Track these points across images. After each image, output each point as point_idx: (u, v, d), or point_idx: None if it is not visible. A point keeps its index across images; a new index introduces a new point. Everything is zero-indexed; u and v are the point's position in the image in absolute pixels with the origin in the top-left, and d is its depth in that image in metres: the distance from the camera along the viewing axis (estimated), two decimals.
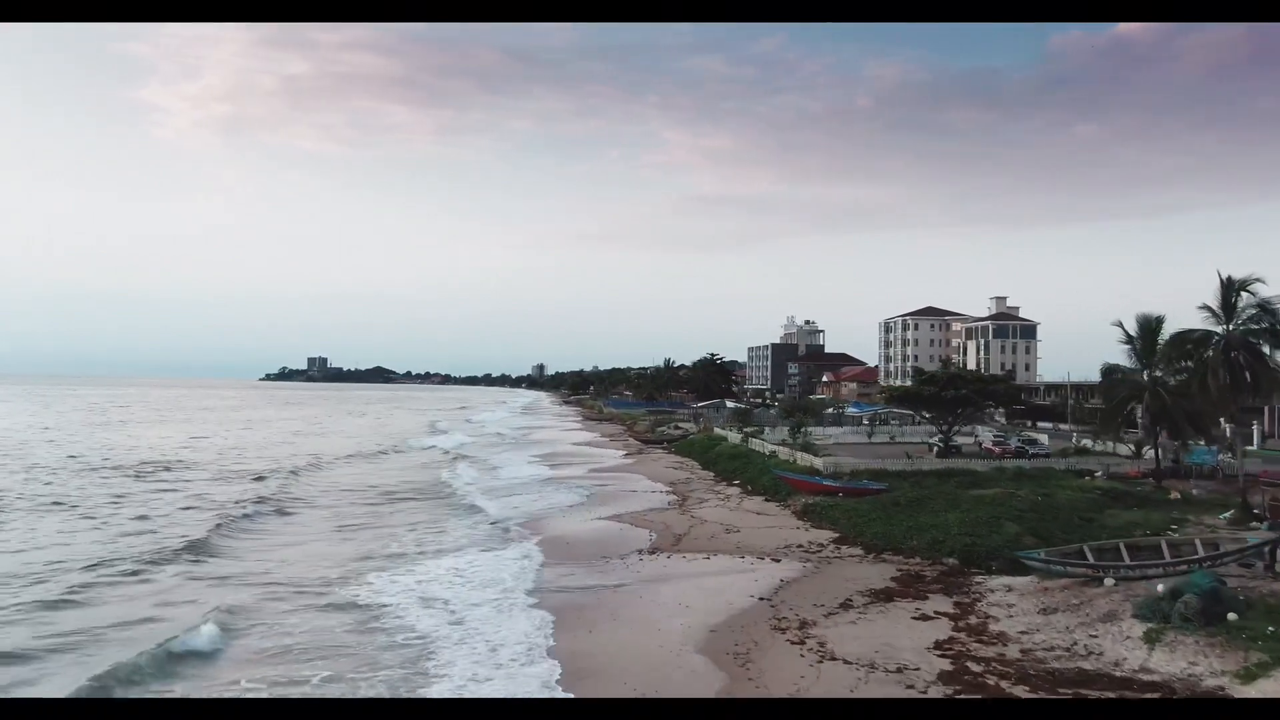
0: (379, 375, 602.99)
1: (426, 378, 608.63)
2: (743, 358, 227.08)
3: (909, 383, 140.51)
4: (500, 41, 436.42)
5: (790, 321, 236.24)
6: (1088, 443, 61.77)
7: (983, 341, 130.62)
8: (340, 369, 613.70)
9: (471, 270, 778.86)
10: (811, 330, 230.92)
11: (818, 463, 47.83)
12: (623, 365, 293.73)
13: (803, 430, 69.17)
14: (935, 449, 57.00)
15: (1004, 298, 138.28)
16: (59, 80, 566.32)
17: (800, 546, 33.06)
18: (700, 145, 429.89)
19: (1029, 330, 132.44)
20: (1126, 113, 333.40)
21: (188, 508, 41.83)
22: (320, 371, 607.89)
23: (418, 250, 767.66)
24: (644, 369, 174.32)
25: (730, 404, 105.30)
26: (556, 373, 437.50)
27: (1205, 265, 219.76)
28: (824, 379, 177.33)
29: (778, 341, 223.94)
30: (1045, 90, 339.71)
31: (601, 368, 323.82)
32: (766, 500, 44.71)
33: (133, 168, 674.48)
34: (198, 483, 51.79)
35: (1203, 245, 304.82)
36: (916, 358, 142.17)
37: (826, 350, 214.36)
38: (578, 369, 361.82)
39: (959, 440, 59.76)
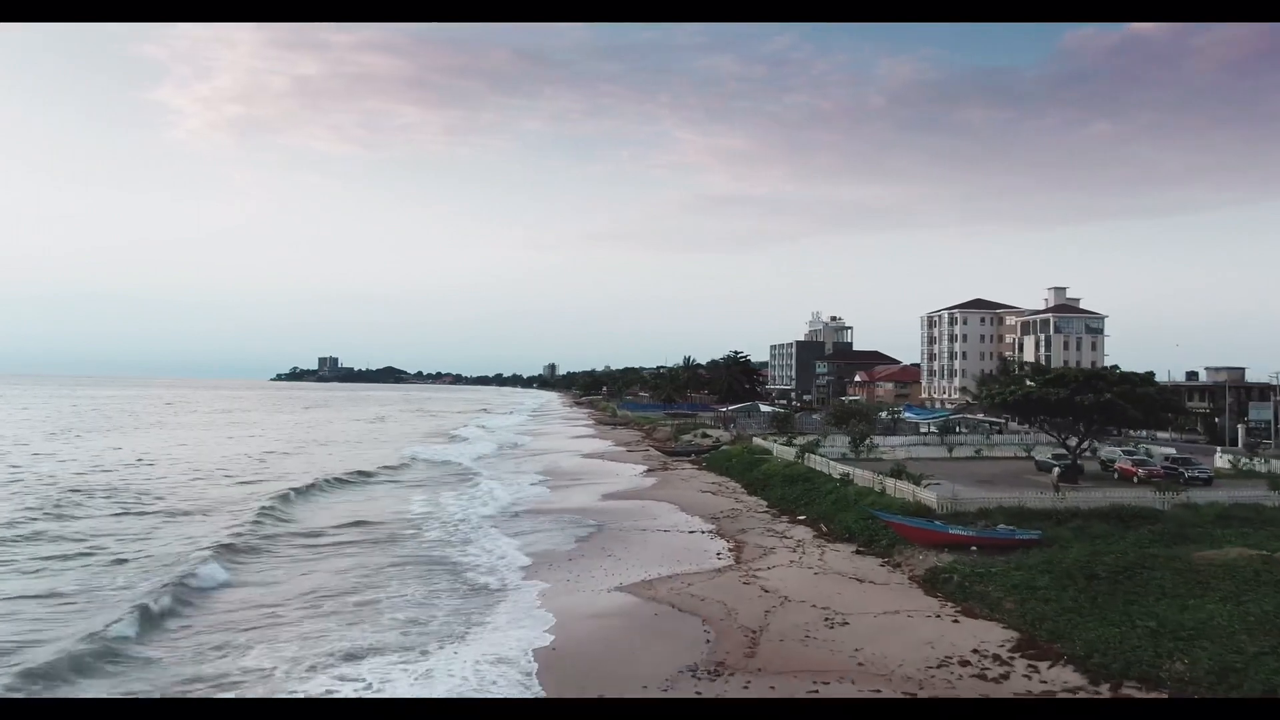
0: (390, 375, 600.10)
1: (437, 378, 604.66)
2: (761, 356, 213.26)
3: (960, 381, 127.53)
4: (512, 42, 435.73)
5: (815, 318, 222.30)
6: (1247, 460, 48.03)
7: (1042, 337, 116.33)
8: (351, 369, 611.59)
9: (482, 270, 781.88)
10: (838, 327, 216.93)
11: (928, 497, 33.99)
12: (634, 365, 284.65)
13: (867, 443, 55.60)
14: (1056, 471, 43.17)
15: (1063, 288, 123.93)
16: (74, 82, 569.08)
17: (965, 663, 19.41)
18: (712, 145, 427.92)
19: (1095, 324, 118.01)
20: (1141, 110, 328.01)
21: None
22: (331, 371, 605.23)
23: (429, 250, 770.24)
24: (661, 368, 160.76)
25: (765, 407, 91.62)
26: (568, 373, 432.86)
27: (1223, 264, 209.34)
28: (856, 379, 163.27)
29: (802, 339, 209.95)
30: (1060, 88, 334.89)
31: (614, 367, 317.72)
32: (860, 552, 31.09)
33: (147, 169, 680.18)
34: (99, 529, 38.57)
35: (1219, 244, 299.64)
36: (965, 355, 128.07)
37: (855, 348, 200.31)
38: (589, 369, 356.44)
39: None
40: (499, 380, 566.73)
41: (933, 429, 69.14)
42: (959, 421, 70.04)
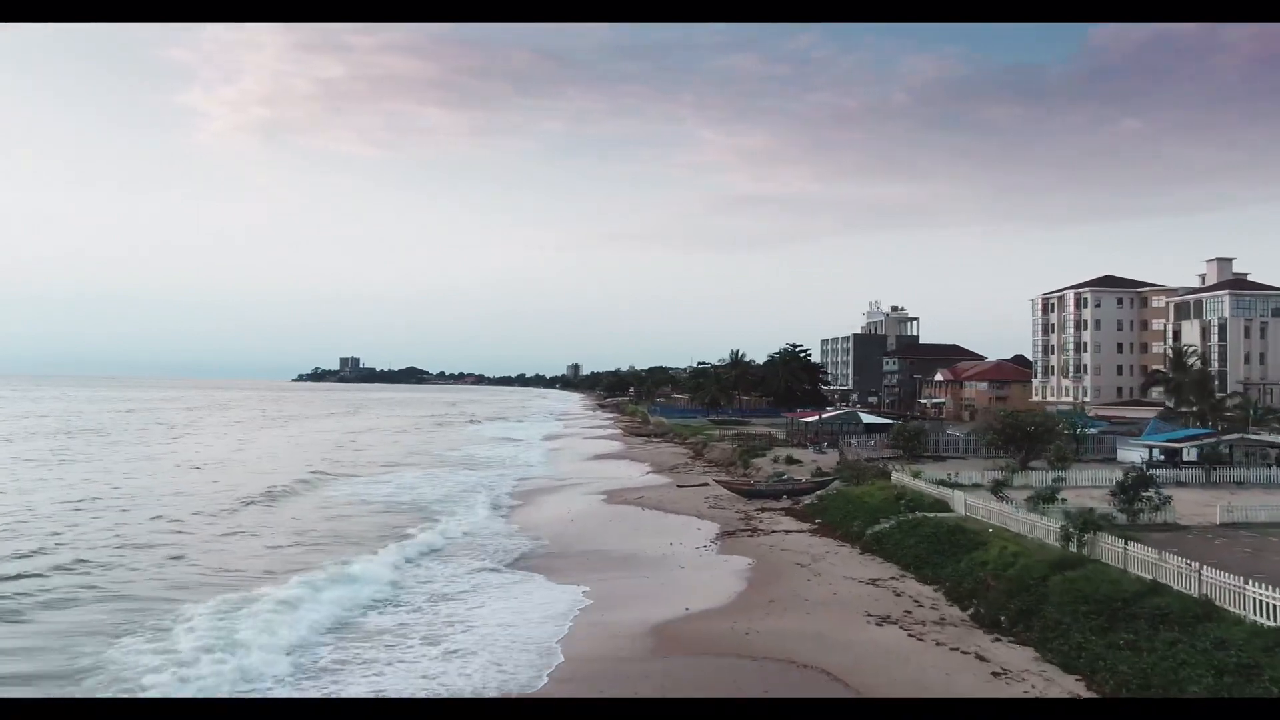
0: (412, 376, 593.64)
1: (460, 378, 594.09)
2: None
3: (1092, 380, 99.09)
4: (533, 42, 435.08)
5: (874, 308, 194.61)
6: None
7: (1214, 321, 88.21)
8: (373, 369, 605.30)
9: (504, 270, 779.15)
10: (902, 318, 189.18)
11: None
12: (659, 365, 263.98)
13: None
14: None
15: (1229, 259, 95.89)
16: (103, 85, 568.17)
17: None
18: (735, 144, 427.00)
19: None
20: (1171, 107, 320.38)
21: None
22: (353, 372, 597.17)
23: (451, 250, 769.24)
24: (702, 364, 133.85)
25: (869, 416, 64.24)
26: (592, 373, 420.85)
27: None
28: (937, 377, 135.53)
29: (859, 332, 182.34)
30: (1087, 84, 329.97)
31: (638, 368, 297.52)
32: None
33: (174, 171, 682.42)
34: None
35: (1251, 241, 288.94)
36: (1099, 346, 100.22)
37: (921, 342, 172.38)
38: (614, 369, 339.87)
39: None
40: (521, 381, 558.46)
41: (1187, 453, 42.23)
42: (1234, 444, 43.05)
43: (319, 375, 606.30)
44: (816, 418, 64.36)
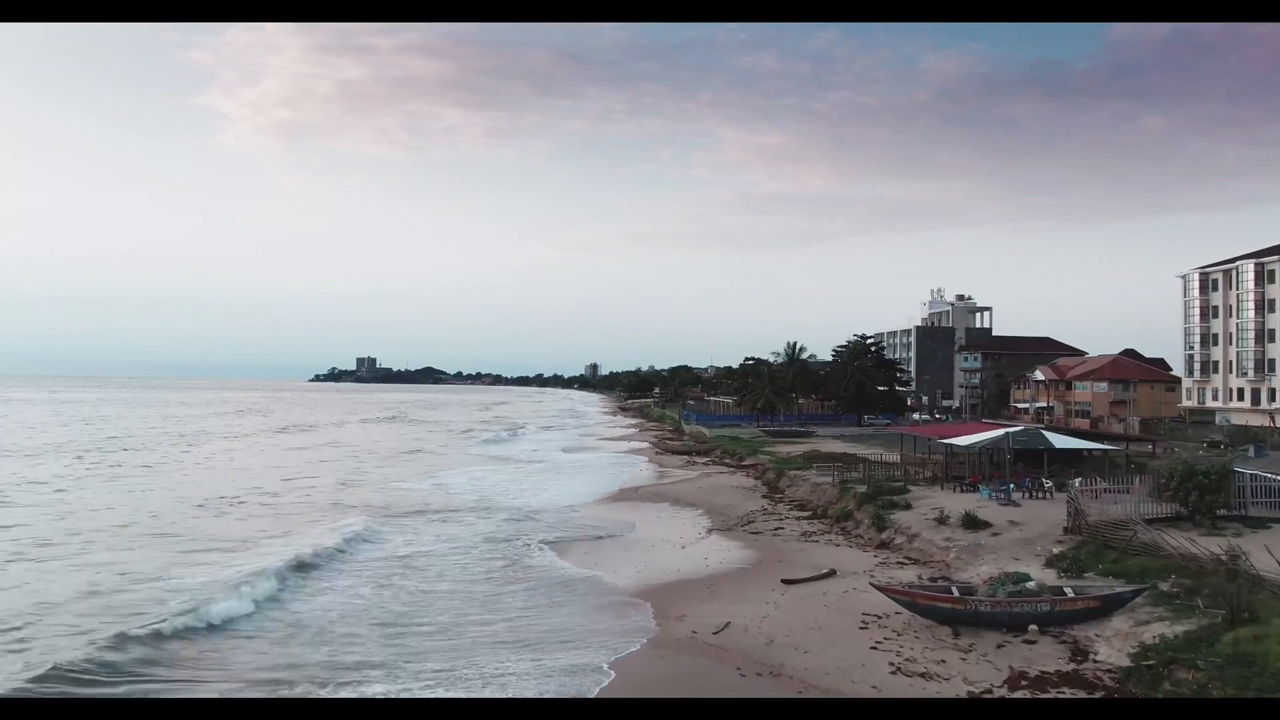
0: (429, 376, 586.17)
1: (477, 378, 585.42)
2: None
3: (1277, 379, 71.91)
4: (553, 43, 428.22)
5: (937, 296, 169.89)
6: None
7: None
8: (390, 369, 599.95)
9: (523, 270, 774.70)
10: (971, 308, 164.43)
11: None
12: (675, 365, 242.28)
13: None
14: None
15: None
16: (125, 87, 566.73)
17: None
18: (755, 143, 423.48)
19: None
20: (1195, 102, 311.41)
21: None
22: (369, 372, 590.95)
23: (470, 250, 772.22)
24: (750, 360, 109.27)
25: (1063, 439, 39.32)
26: (611, 373, 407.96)
27: None
28: (1035, 376, 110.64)
29: (920, 324, 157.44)
30: (1110, 81, 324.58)
31: (657, 367, 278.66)
32: None
33: (198, 173, 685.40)
34: None
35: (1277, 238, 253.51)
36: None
37: (995, 334, 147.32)
38: (633, 369, 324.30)
39: None
40: (539, 381, 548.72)
41: None
42: None
43: (335, 375, 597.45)
44: (971, 438, 39.93)
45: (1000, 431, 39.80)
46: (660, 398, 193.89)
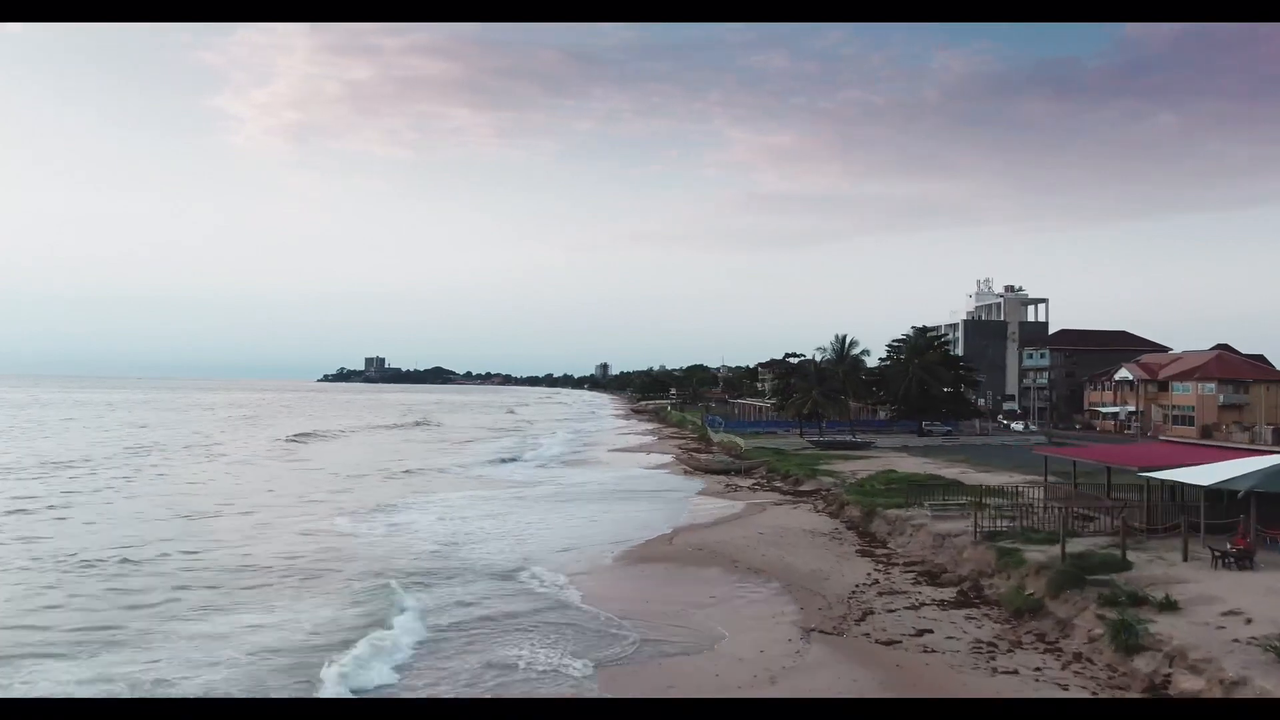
0: (438, 376, 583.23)
1: (486, 378, 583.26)
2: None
3: None
4: (561, 43, 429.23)
5: (984, 288, 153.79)
6: None
7: None
8: (399, 369, 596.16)
9: (533, 270, 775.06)
10: (1023, 299, 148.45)
11: None
12: (686, 364, 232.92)
13: None
14: None
15: None
16: (136, 88, 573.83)
17: None
18: (763, 143, 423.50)
19: None
20: (1208, 100, 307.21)
21: None
22: (378, 372, 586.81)
23: (479, 250, 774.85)
24: (792, 356, 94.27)
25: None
26: (621, 373, 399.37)
27: None
28: (1121, 375, 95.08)
29: (966, 317, 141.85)
30: (1122, 79, 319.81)
31: (668, 367, 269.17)
32: None
33: (209, 173, 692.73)
34: None
35: None
36: None
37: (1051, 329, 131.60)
38: (645, 369, 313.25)
39: None
40: (549, 381, 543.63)
41: None
42: None
43: (344, 375, 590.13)
44: (1215, 469, 24.63)
45: (1271, 459, 24.63)
46: (677, 399, 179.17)
